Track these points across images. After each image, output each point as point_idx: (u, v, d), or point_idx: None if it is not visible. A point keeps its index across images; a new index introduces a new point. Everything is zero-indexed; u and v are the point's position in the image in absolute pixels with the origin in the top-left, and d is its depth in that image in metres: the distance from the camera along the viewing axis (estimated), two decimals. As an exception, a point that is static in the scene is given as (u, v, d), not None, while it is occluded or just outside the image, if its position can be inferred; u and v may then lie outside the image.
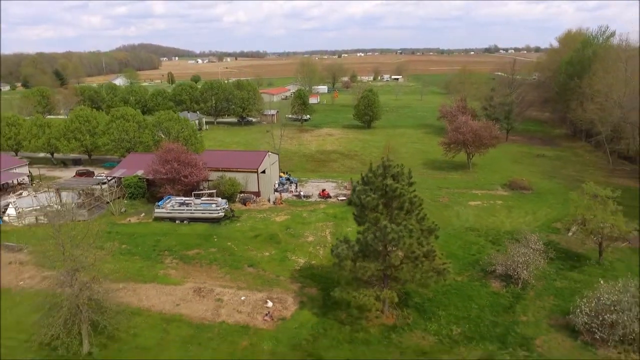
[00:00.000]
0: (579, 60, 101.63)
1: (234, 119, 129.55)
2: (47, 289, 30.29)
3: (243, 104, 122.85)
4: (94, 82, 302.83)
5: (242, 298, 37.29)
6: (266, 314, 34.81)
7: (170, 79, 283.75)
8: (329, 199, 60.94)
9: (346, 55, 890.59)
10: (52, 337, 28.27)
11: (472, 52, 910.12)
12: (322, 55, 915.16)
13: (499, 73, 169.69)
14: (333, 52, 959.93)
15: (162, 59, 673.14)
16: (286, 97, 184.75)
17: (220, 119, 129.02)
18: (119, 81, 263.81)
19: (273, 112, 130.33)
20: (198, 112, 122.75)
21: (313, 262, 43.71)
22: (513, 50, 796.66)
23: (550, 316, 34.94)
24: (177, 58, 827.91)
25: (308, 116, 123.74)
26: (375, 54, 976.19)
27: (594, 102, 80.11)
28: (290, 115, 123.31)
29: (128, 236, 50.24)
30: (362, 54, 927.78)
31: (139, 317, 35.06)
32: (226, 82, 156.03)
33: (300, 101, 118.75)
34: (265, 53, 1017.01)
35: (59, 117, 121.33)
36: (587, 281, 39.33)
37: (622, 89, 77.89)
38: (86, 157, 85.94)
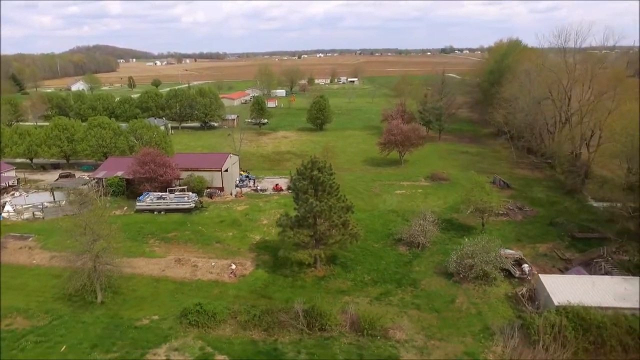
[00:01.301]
0: (498, 69, 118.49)
1: (197, 124, 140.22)
2: (71, 257, 41.58)
3: (206, 110, 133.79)
4: (51, 85, 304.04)
5: (213, 264, 49.69)
6: (231, 273, 47.42)
7: (131, 83, 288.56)
8: (281, 192, 73.75)
9: (306, 56, 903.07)
10: (81, 285, 39.94)
11: (429, 53, 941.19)
12: (282, 56, 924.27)
13: (452, 75, 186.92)
14: (293, 53, 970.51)
15: (119, 60, 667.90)
16: (246, 101, 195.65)
17: (184, 124, 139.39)
18: (79, 86, 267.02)
19: (233, 116, 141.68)
20: (164, 118, 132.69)
21: (267, 238, 56.46)
22: (467, 51, 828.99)
23: (436, 267, 49.03)
24: (134, 60, 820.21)
25: (266, 120, 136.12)
26: (335, 54, 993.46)
27: (503, 107, 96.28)
28: (249, 120, 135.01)
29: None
30: (322, 55, 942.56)
31: (134, 279, 46.91)
32: (188, 87, 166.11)
33: (259, 107, 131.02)
34: (225, 54, 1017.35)
35: (27, 123, 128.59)
36: (469, 244, 53.73)
37: (526, 97, 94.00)
38: (64, 161, 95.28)
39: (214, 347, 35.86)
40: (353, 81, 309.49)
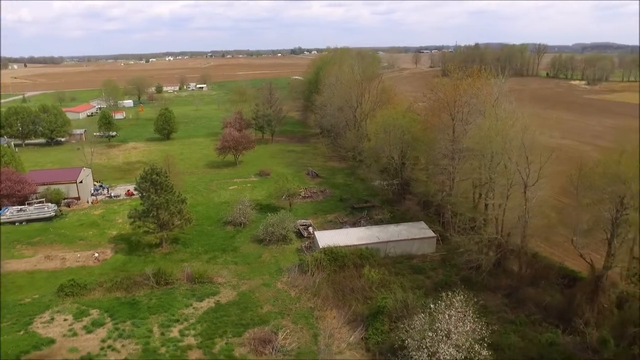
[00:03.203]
0: (315, 80, 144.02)
1: (43, 140, 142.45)
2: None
3: (50, 126, 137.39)
4: None
5: (78, 255, 63.28)
6: (95, 259, 61.71)
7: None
8: (133, 196, 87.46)
9: (154, 59, 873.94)
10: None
11: (280, 54, 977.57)
12: (128, 60, 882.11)
13: (298, 77, 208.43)
14: (140, 57, 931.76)
15: None
16: (92, 113, 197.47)
17: (28, 141, 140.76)
18: None
19: (81, 131, 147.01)
20: (5, 137, 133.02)
21: (122, 232, 71.08)
22: (316, 52, 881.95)
23: (252, 237, 68.79)
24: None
25: (114, 133, 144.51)
26: (186, 57, 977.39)
27: (316, 112, 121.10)
28: (98, 133, 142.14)
29: (-20, 237, 70.25)
30: (172, 58, 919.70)
31: (9, 275, 58.53)
32: (24, 99, 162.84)
33: (106, 121, 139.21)
34: (62, 58, 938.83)
35: None
36: (278, 219, 74.59)
37: (332, 104, 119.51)
38: None
39: (88, 306, 50.77)
40: (202, 87, 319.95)
